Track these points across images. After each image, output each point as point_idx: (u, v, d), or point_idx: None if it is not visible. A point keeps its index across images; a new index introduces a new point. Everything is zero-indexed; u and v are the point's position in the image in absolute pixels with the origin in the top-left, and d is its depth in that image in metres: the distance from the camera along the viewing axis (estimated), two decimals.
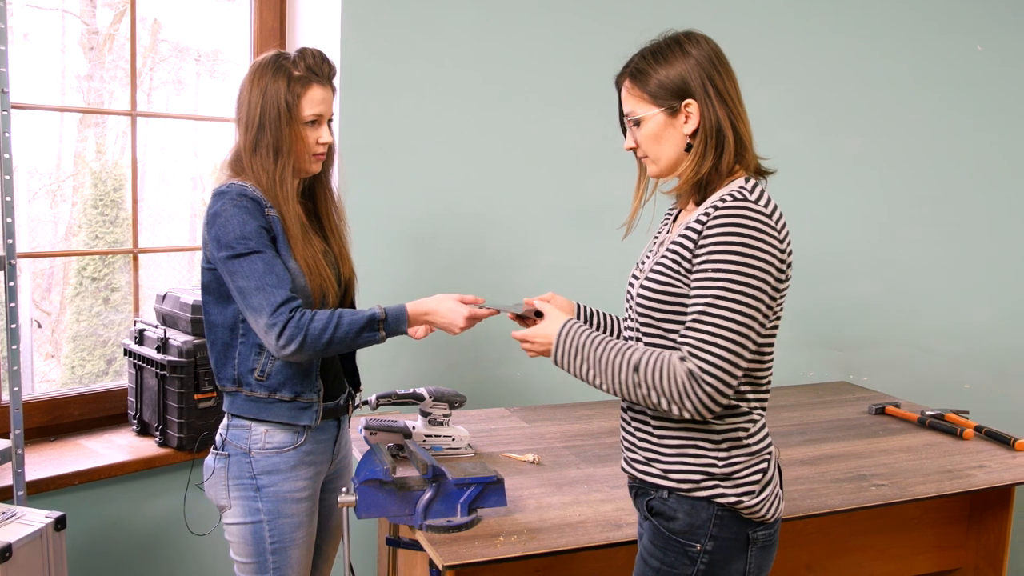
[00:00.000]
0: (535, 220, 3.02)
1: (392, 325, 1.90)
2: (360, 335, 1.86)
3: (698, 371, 1.44)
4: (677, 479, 1.58)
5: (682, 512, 1.58)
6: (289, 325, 1.79)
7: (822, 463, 2.43)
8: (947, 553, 2.70)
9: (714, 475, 1.56)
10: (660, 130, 1.57)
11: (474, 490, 1.91)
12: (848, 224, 3.48)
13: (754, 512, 1.57)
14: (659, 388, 1.47)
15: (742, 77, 1.58)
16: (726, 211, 1.47)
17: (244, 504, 1.93)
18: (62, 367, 4.30)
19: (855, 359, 3.54)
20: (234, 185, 1.87)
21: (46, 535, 1.99)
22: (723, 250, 1.45)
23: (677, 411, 1.47)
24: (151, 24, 4.06)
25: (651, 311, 1.57)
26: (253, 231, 1.83)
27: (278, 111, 1.87)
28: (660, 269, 1.57)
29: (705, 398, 1.45)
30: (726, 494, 1.56)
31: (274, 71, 1.88)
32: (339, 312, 1.85)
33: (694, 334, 1.46)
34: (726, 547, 1.57)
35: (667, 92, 1.55)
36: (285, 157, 1.89)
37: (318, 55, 1.93)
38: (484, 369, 2.98)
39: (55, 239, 4.37)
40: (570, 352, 1.57)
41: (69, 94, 4.23)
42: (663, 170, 1.62)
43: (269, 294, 1.81)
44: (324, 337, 1.81)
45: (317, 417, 1.95)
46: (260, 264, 1.82)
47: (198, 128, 4.20)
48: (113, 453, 2.49)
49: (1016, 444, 2.57)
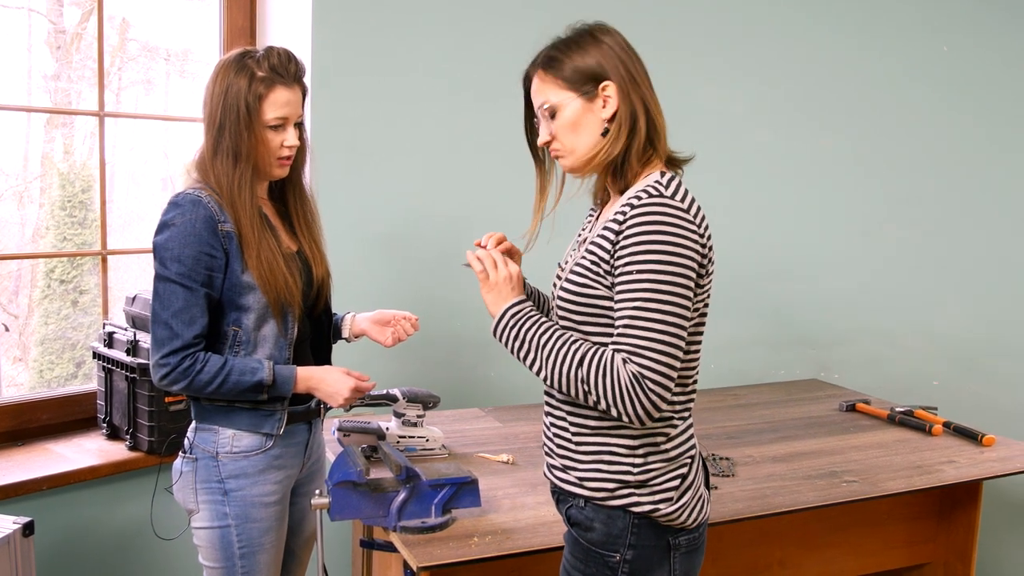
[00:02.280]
0: (509, 221, 3.01)
1: (279, 391, 1.88)
2: (244, 393, 1.85)
3: (640, 375, 1.41)
4: (592, 487, 1.55)
5: (599, 521, 1.55)
6: (176, 371, 1.79)
7: (794, 460, 2.45)
8: (917, 548, 2.73)
9: (629, 483, 1.52)
10: (578, 116, 1.54)
11: (448, 491, 1.91)
12: (819, 222, 3.51)
13: (672, 519, 1.54)
14: (601, 388, 1.44)
15: (719, 77, 1.60)
16: (643, 208, 1.44)
17: (212, 508, 1.90)
18: (30, 371, 4.24)
19: (826, 357, 3.58)
20: (189, 195, 1.83)
21: (14, 541, 1.96)
22: (645, 249, 1.43)
23: (616, 413, 1.44)
24: (119, 23, 4.02)
25: (571, 312, 1.55)
26: (190, 258, 1.79)
27: (237, 113, 1.81)
28: (579, 270, 1.54)
29: (648, 404, 1.42)
30: (641, 503, 1.52)
31: (237, 70, 1.83)
32: (229, 366, 1.82)
33: (630, 338, 1.43)
34: (646, 556, 1.54)
35: (583, 76, 1.53)
36: (244, 162, 1.83)
37: (284, 54, 1.86)
38: (458, 370, 2.97)
39: (22, 241, 4.31)
40: (511, 331, 1.54)
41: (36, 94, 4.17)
42: (578, 161, 1.57)
43: (172, 334, 1.80)
44: (208, 388, 1.82)
45: (280, 425, 1.92)
46: (180, 299, 1.80)
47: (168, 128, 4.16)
48: (82, 457, 2.46)
49: (984, 440, 2.61)
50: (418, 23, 2.82)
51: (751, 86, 3.31)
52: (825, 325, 3.56)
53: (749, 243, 3.36)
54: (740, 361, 3.41)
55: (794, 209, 3.45)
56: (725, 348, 3.34)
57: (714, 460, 2.39)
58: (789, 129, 3.41)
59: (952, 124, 3.67)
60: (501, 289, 1.58)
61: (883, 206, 3.60)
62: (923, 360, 3.70)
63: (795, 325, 3.51)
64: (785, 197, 3.42)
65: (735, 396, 3.12)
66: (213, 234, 1.81)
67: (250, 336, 1.88)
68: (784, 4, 3.35)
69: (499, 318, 1.56)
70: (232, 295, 1.85)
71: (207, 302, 1.83)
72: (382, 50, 2.78)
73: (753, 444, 2.57)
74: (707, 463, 1.74)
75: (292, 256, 1.96)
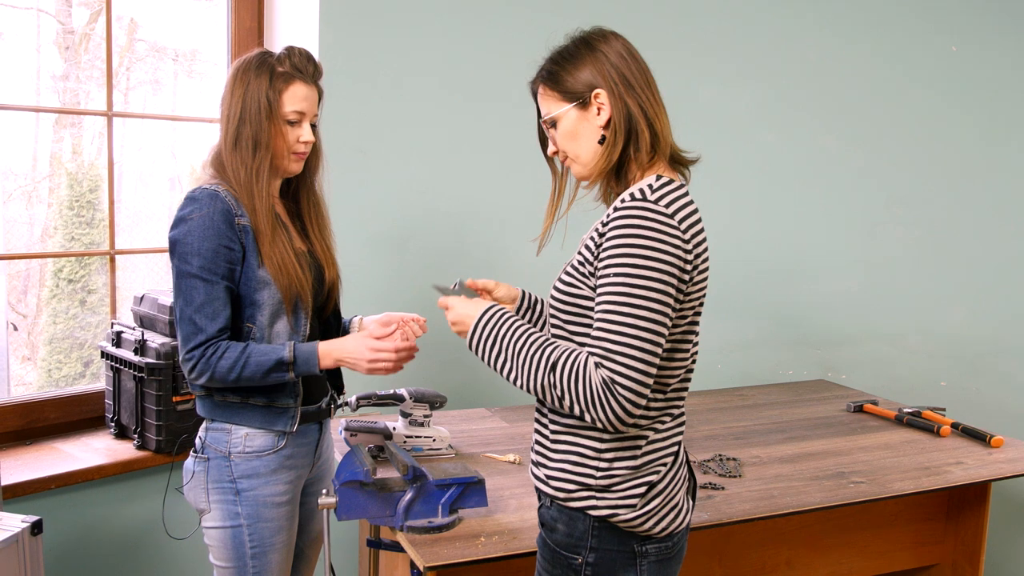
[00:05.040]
0: (514, 219, 3.02)
1: (301, 367, 1.88)
2: (268, 375, 1.85)
3: (610, 380, 1.39)
4: (555, 486, 1.54)
5: (562, 522, 1.54)
6: (200, 362, 1.81)
7: (801, 461, 2.44)
8: (925, 549, 2.72)
9: (590, 486, 1.51)
10: (575, 126, 1.56)
11: (455, 491, 1.91)
12: (826, 223, 3.50)
13: (635, 526, 1.51)
14: (573, 393, 1.42)
15: (722, 78, 1.59)
16: (623, 211, 1.44)
17: (224, 508, 1.91)
18: (38, 370, 4.26)
19: (833, 357, 3.57)
20: (206, 190, 1.85)
21: (22, 540, 1.96)
22: (620, 252, 1.42)
23: (590, 418, 1.42)
24: (128, 23, 4.04)
25: (560, 312, 1.55)
26: (210, 251, 1.81)
27: (258, 105, 1.86)
28: (568, 271, 1.55)
29: (619, 409, 1.40)
30: (599, 506, 1.50)
31: (257, 67, 1.88)
32: (249, 350, 1.84)
33: (602, 342, 1.41)
34: (609, 560, 1.52)
35: (577, 87, 1.55)
36: (264, 151, 1.87)
37: (305, 54, 1.92)
38: (465, 369, 2.97)
39: (31, 240, 4.33)
40: (486, 341, 1.52)
41: (44, 94, 4.19)
42: (585, 169, 1.58)
43: (196, 329, 1.82)
44: (232, 375, 1.82)
45: (294, 423, 1.93)
46: (201, 293, 1.82)
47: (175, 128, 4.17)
48: (90, 457, 2.47)
49: (992, 441, 2.60)
50: (425, 24, 2.82)
51: (756, 87, 3.30)
52: (832, 326, 3.55)
53: (755, 244, 3.35)
54: (747, 362, 3.41)
55: (800, 210, 3.44)
56: (732, 349, 3.34)
57: (721, 460, 2.39)
58: (794, 130, 3.40)
59: (957, 125, 3.66)
60: (466, 308, 1.60)
61: (889, 206, 3.59)
62: (930, 361, 3.69)
63: (802, 326, 3.50)
64: (791, 198, 3.41)
65: (742, 396, 3.12)
66: (231, 227, 1.84)
67: (264, 333, 1.89)
68: (789, 6, 3.34)
69: (471, 332, 1.55)
70: (247, 291, 1.87)
71: (228, 295, 1.85)
72: (389, 51, 2.78)
73: (760, 445, 2.57)
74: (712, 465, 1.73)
75: (303, 254, 1.98)
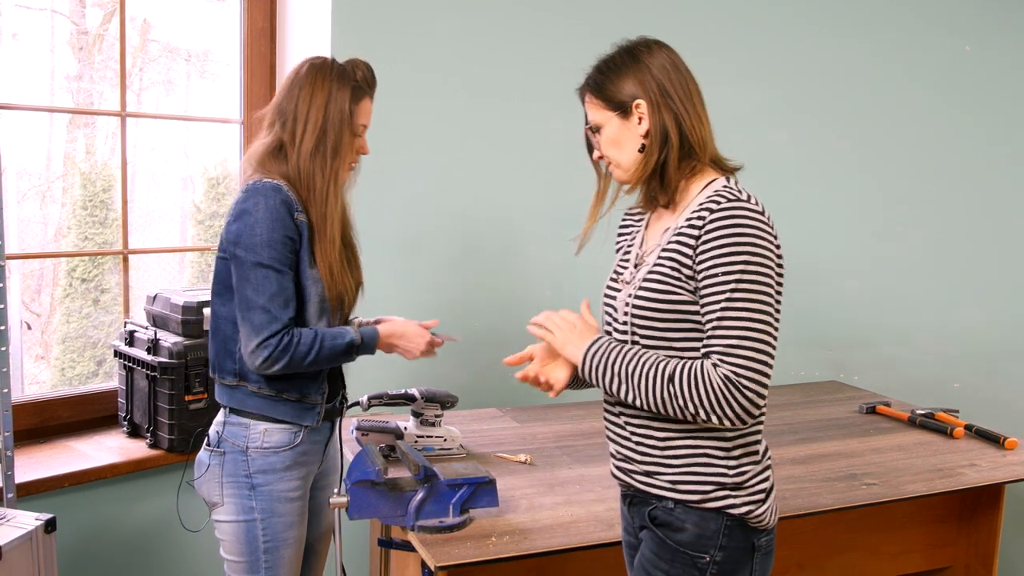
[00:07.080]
0: (527, 220, 3.01)
1: (366, 350, 1.97)
2: (336, 359, 1.92)
3: (734, 376, 1.44)
4: (686, 490, 1.55)
5: (691, 523, 1.56)
6: (277, 349, 1.83)
7: (813, 462, 2.43)
8: (938, 551, 2.71)
9: (725, 485, 1.54)
10: (617, 133, 1.60)
11: (466, 491, 1.91)
12: (839, 224, 3.48)
13: (761, 520, 1.56)
14: (696, 399, 1.46)
15: (731, 78, 1.60)
16: (722, 213, 1.47)
17: (238, 502, 1.92)
18: (52, 369, 4.28)
19: (846, 359, 3.55)
20: (267, 183, 1.87)
21: (36, 537, 1.98)
22: (729, 251, 1.46)
23: (716, 420, 1.46)
24: (141, 24, 4.06)
25: (653, 321, 1.55)
26: (279, 241, 1.84)
27: (341, 115, 1.91)
28: (657, 278, 1.55)
29: (746, 403, 1.44)
30: (736, 504, 1.54)
31: (339, 78, 1.92)
32: (321, 334, 1.88)
33: (720, 340, 1.46)
34: (734, 557, 1.56)
35: (619, 96, 1.59)
36: (340, 159, 1.93)
37: (370, 68, 1.98)
38: (476, 369, 2.97)
39: (45, 240, 4.36)
40: (599, 368, 1.56)
41: (58, 94, 4.22)
42: (626, 174, 1.63)
43: (271, 317, 1.83)
44: (308, 359, 1.86)
45: (319, 418, 1.96)
46: (274, 282, 1.84)
47: (188, 128, 4.19)
48: (103, 455, 2.48)
49: (1006, 443, 2.58)
50: (438, 24, 2.82)
51: (766, 87, 3.29)
52: (844, 327, 3.54)
53: None
54: None
55: (812, 211, 3.43)
56: None
57: None
58: (808, 131, 3.39)
59: (972, 126, 3.63)
60: (568, 336, 1.62)
61: (902, 207, 3.57)
62: (943, 362, 3.67)
63: (814, 327, 3.49)
64: (803, 199, 3.40)
65: None
66: (291, 220, 1.87)
67: (311, 326, 1.92)
68: (801, 6, 3.33)
69: (582, 362, 1.59)
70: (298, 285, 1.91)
71: (294, 285, 1.88)
72: (401, 52, 2.79)
73: (772, 446, 2.55)
74: None
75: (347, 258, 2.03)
